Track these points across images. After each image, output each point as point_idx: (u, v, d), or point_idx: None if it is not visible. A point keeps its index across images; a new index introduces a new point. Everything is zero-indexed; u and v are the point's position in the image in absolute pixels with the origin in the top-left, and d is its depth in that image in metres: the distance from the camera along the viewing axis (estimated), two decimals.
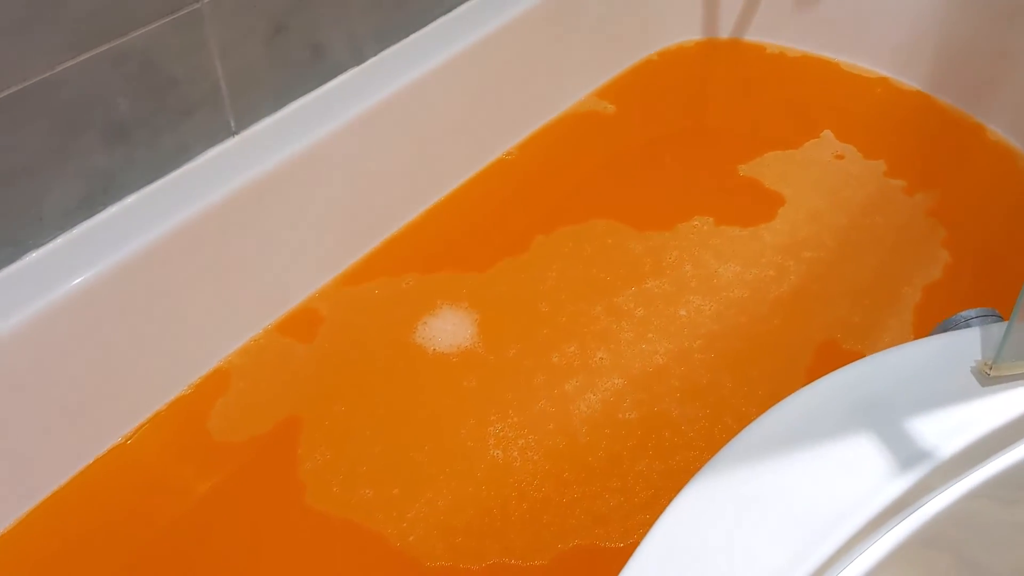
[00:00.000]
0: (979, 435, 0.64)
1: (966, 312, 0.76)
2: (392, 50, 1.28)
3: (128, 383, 1.04)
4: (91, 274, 0.97)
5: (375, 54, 1.26)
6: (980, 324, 0.73)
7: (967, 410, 0.65)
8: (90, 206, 1.01)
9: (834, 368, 0.69)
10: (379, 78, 1.23)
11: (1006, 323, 0.67)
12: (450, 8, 1.34)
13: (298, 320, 1.18)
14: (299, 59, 1.16)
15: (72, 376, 0.99)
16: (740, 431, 0.65)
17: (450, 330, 1.16)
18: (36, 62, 0.90)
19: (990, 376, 0.66)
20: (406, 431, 1.05)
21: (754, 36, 1.66)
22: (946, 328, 0.76)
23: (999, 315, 0.74)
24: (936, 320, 0.78)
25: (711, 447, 1.01)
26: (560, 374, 1.10)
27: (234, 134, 1.12)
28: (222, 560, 0.95)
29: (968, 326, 0.74)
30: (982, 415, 0.65)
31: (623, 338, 1.14)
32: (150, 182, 1.05)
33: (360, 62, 1.25)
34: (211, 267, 1.08)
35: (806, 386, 0.69)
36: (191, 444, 1.05)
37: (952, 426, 0.64)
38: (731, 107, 1.56)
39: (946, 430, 0.64)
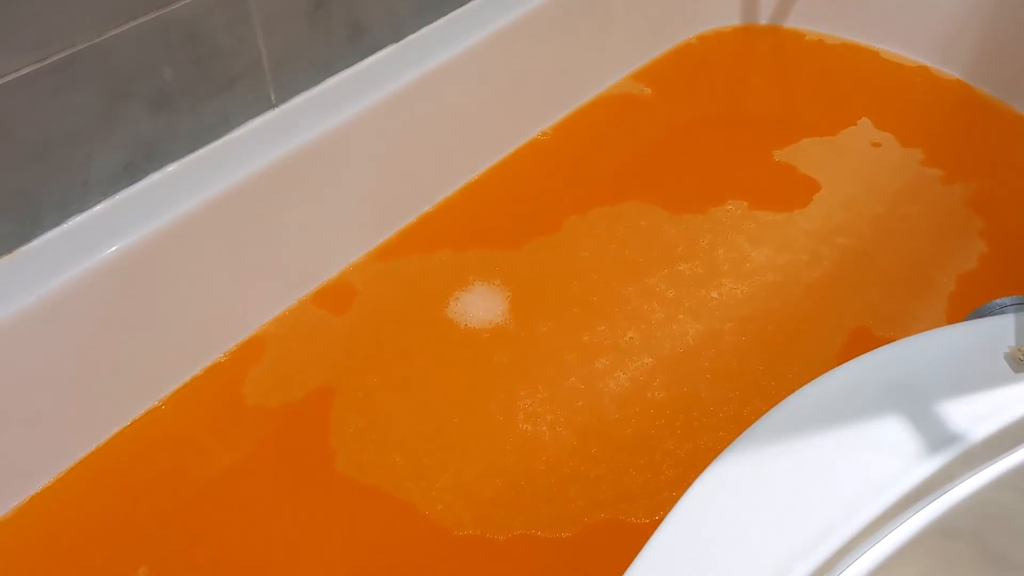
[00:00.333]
0: (1010, 421, 0.64)
1: (1001, 300, 0.76)
2: (430, 28, 1.29)
3: (165, 348, 1.06)
4: (132, 240, 0.99)
5: (413, 31, 1.27)
6: (1015, 311, 0.73)
7: (999, 395, 0.65)
8: (133, 173, 1.03)
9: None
10: (417, 55, 1.24)
11: None
12: None
13: (332, 292, 1.19)
14: (339, 35, 1.17)
15: (111, 339, 1.01)
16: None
17: (482, 306, 1.17)
18: (85, 28, 0.91)
19: (1023, 362, 0.66)
20: (436, 403, 1.07)
21: (793, 23, 1.65)
22: (980, 315, 0.76)
23: None
24: (970, 310, 0.78)
25: (739, 428, 1.01)
26: (590, 352, 1.11)
27: (274, 106, 1.13)
28: (253, 522, 0.97)
29: (1003, 313, 0.73)
30: (1014, 401, 0.65)
31: (654, 319, 1.15)
32: (191, 151, 1.07)
33: (399, 39, 1.25)
34: (248, 237, 1.10)
35: (837, 367, 0.69)
36: (226, 409, 1.07)
37: (983, 411, 0.64)
38: (768, 93, 1.56)
39: (977, 415, 0.64)
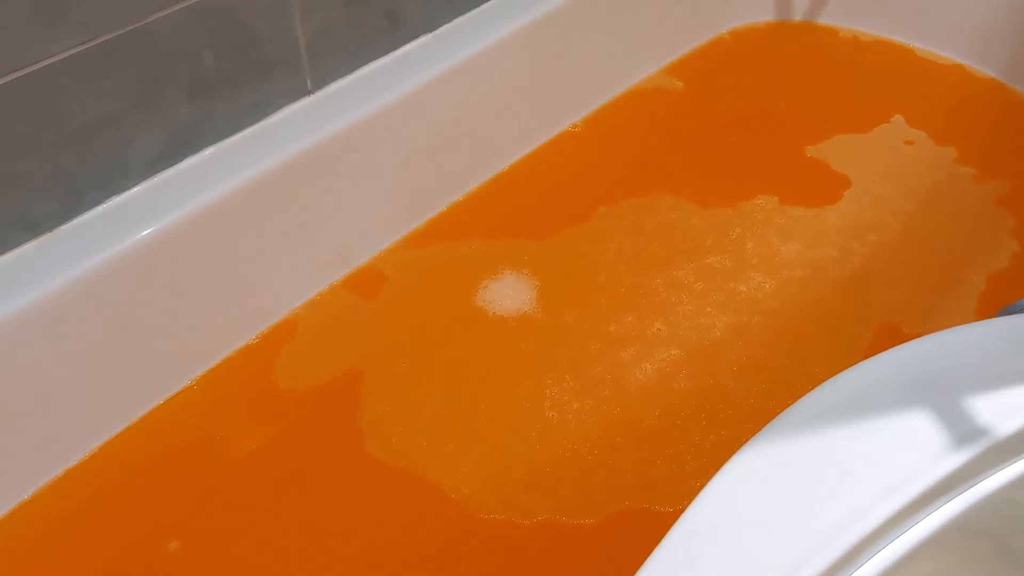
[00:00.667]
0: None
1: None
2: (464, 18, 1.30)
3: (199, 328, 1.08)
4: (169, 221, 1.01)
5: (448, 21, 1.28)
6: None
7: None
8: (171, 156, 1.05)
9: None
10: (450, 45, 1.25)
11: None
12: None
13: (363, 278, 1.21)
14: (375, 24, 1.18)
15: (147, 318, 1.03)
16: None
17: (510, 295, 1.18)
18: (128, 12, 0.93)
19: None
20: (464, 389, 1.08)
21: (827, 19, 1.65)
22: (1009, 312, 0.75)
23: None
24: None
25: (764, 421, 1.00)
26: (617, 343, 1.12)
27: (310, 93, 1.15)
28: (282, 499, 0.99)
29: None
30: None
31: (681, 311, 1.15)
32: (228, 135, 1.09)
33: (433, 29, 1.27)
34: (282, 221, 1.12)
35: (864, 360, 0.70)
36: (256, 390, 1.09)
37: (1010, 406, 0.64)
38: (801, 89, 1.55)
39: (1003, 410, 0.64)
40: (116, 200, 1.01)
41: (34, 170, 0.93)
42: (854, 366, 0.69)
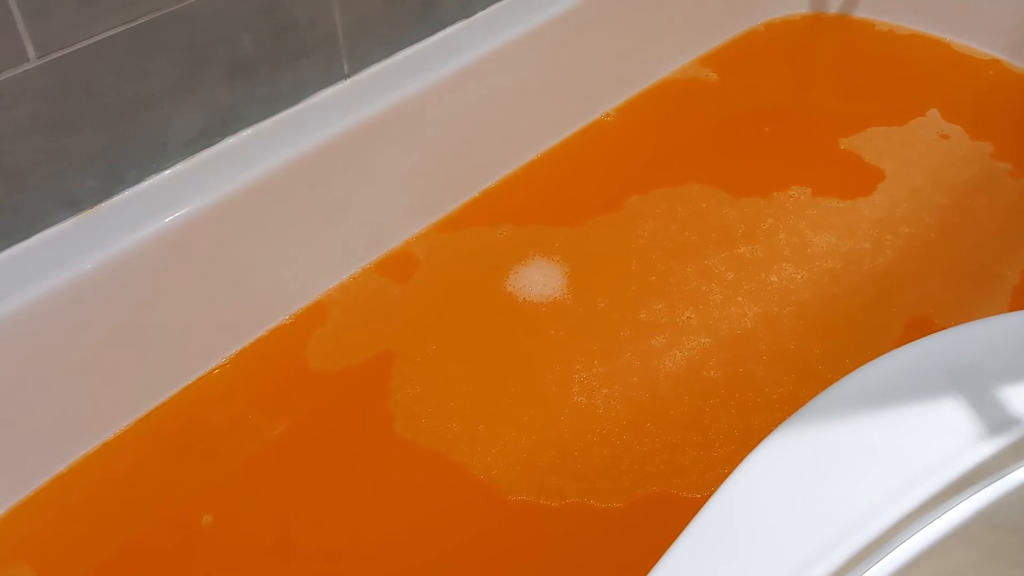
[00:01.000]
0: None
1: None
2: (499, 5, 1.30)
3: (233, 307, 1.10)
4: (207, 201, 1.02)
5: (484, 8, 1.29)
6: None
7: None
8: (209, 137, 1.06)
9: None
10: (486, 32, 1.26)
11: None
12: None
13: (395, 261, 1.22)
14: (411, 9, 1.19)
15: (184, 295, 1.04)
16: None
17: (541, 281, 1.19)
18: None
19: None
20: (493, 373, 1.09)
21: (863, 12, 1.64)
22: None
23: None
24: None
25: (793, 410, 1.00)
26: (647, 330, 1.12)
27: (346, 77, 1.16)
28: (313, 476, 1.00)
29: None
30: None
31: (712, 300, 1.15)
32: (266, 118, 1.10)
33: (469, 15, 1.27)
34: (316, 203, 1.13)
35: (896, 349, 0.70)
36: (288, 370, 1.10)
37: None
38: (835, 81, 1.55)
39: None
40: (155, 179, 1.03)
41: (75, 148, 0.95)
42: (883, 355, 0.69)
